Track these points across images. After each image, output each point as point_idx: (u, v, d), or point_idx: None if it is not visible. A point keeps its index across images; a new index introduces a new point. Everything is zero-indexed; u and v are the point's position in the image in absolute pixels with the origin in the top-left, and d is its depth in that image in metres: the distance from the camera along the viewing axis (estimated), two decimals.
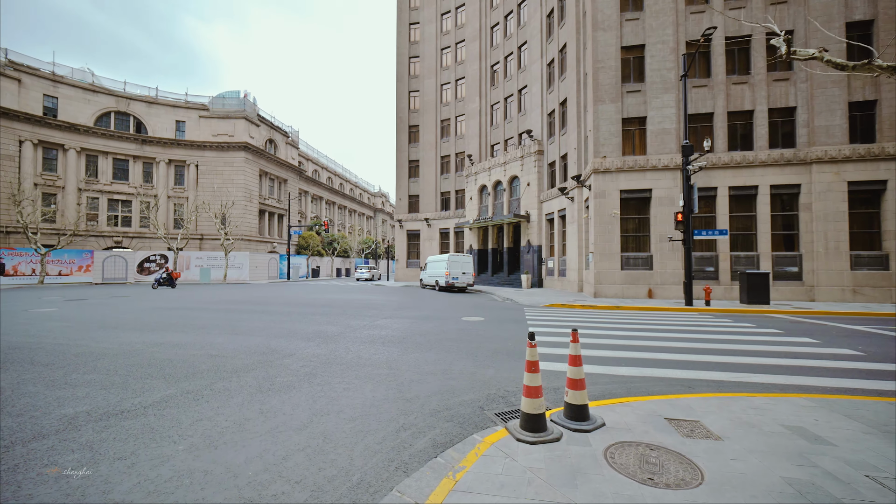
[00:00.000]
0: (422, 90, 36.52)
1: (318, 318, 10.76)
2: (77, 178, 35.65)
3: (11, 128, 32.27)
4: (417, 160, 36.57)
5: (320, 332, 8.55)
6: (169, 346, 7.06)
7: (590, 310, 13.86)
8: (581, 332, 8.76)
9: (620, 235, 17.43)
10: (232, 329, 8.90)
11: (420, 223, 35.83)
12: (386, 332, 8.77)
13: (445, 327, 9.46)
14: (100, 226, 36.70)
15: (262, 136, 44.59)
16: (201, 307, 13.41)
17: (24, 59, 33.56)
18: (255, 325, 9.53)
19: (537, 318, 11.16)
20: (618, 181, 17.45)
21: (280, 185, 48.34)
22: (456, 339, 8.02)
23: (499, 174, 28.85)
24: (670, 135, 17.18)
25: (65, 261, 32.33)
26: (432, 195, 35.46)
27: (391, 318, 11.12)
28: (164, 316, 11.08)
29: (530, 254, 26.10)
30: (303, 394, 4.54)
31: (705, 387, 4.95)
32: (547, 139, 25.70)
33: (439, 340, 7.83)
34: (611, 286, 17.29)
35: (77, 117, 35.70)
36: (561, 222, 23.68)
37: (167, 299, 16.40)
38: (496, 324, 10.07)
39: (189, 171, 40.22)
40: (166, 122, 39.95)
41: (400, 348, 7.05)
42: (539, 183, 25.86)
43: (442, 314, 12.03)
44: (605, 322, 10.53)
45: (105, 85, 37.66)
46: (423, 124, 36.17)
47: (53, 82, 34.85)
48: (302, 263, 45.79)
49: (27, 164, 33.14)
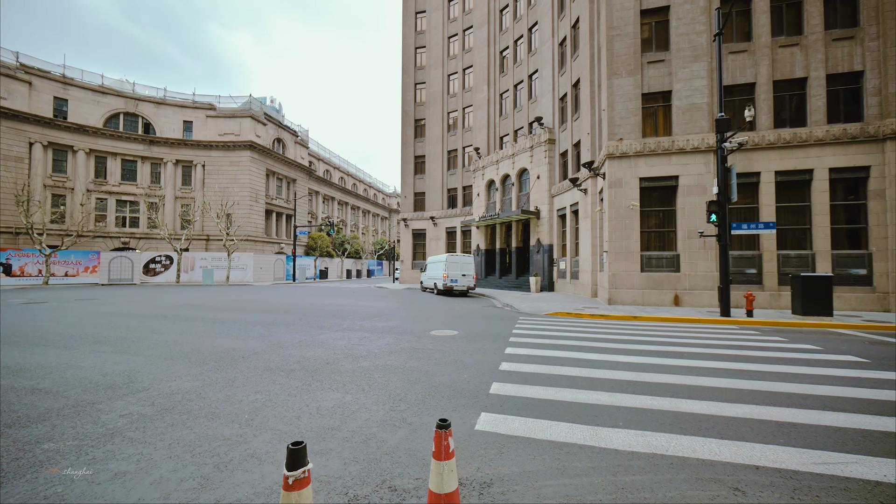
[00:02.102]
0: (428, 81, 34.59)
1: (257, 330, 8.87)
2: (86, 180, 35.78)
3: (21, 129, 32.57)
4: (423, 156, 34.64)
5: (230, 351, 6.61)
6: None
7: (599, 321, 11.37)
8: (578, 357, 6.44)
9: (640, 231, 14.78)
10: (126, 346, 7.10)
11: (426, 222, 33.84)
12: (315, 352, 6.74)
13: (400, 346, 7.34)
14: (108, 227, 36.73)
15: (269, 136, 43.89)
16: (148, 314, 11.83)
17: (36, 61, 33.93)
18: (166, 338, 7.72)
19: (526, 333, 8.85)
20: (637, 167, 14.81)
21: (289, 184, 47.58)
22: (399, 366, 5.88)
23: (507, 167, 26.47)
24: (700, 111, 14.41)
25: (71, 261, 32.28)
26: (438, 192, 33.42)
27: (346, 330, 9.09)
28: (78, 326, 9.47)
29: (540, 254, 23.57)
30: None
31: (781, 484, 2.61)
32: (558, 126, 23.14)
33: (373, 368, 5.72)
34: (629, 291, 14.65)
35: (86, 119, 35.87)
36: (574, 218, 21.08)
37: (124, 303, 15.04)
38: (468, 341, 7.85)
39: (196, 171, 39.88)
40: (174, 123, 39.77)
41: (302, 382, 4.98)
42: (550, 175, 23.32)
43: (413, 326, 9.90)
44: (613, 338, 8.11)
45: (114, 86, 37.78)
46: (430, 117, 34.22)
47: (63, 84, 35.13)
48: (309, 265, 44.74)
49: (37, 165, 33.41)
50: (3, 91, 31.90)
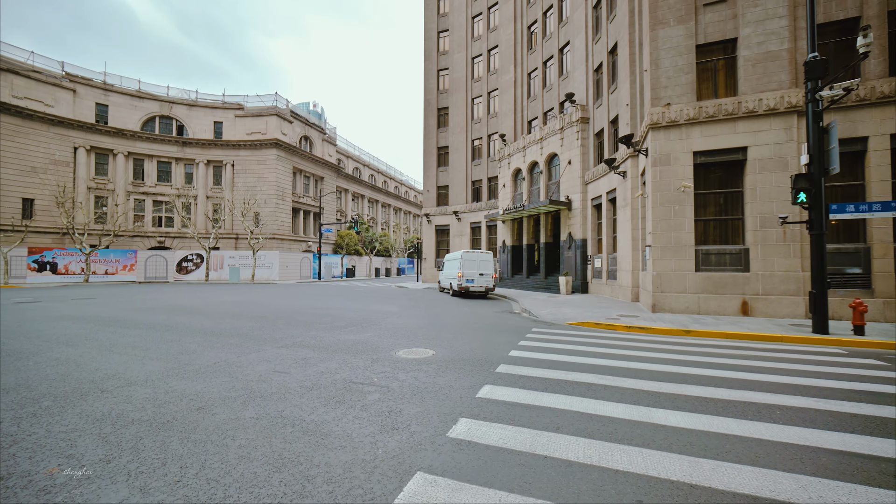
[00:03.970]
0: (451, 67, 32.34)
1: (189, 343, 7.16)
2: (125, 182, 37.26)
3: (67, 135, 34.33)
4: (446, 146, 32.48)
5: (103, 379, 4.85)
6: None
7: (638, 336, 8.63)
8: (596, 413, 3.99)
9: (695, 220, 11.67)
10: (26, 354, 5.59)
11: (449, 217, 31.67)
12: (206, 385, 4.80)
13: (337, 376, 5.24)
14: (145, 227, 38.08)
15: (295, 133, 43.75)
16: (105, 318, 10.65)
17: (78, 69, 35.67)
18: (63, 353, 6.17)
19: (531, 356, 6.42)
20: (689, 139, 11.69)
21: (316, 182, 47.37)
22: (293, 420, 3.79)
23: (535, 153, 23.63)
24: (778, 60, 11.03)
25: (111, 260, 33.58)
26: (462, 185, 31.11)
27: (295, 346, 7.15)
28: (33, 330, 8.28)
29: (572, 250, 20.59)
30: None
31: None
32: (593, 103, 20.02)
33: (250, 425, 3.66)
34: (679, 296, 11.61)
35: (125, 123, 37.32)
36: (610, 208, 17.98)
37: (111, 304, 14.23)
38: (437, 370, 5.59)
39: (225, 170, 40.46)
40: (205, 124, 40.57)
41: (104, 454, 3.01)
42: (583, 160, 20.26)
43: (385, 341, 7.78)
44: (657, 370, 5.50)
45: (151, 91, 39.10)
46: (453, 105, 31.96)
47: (104, 91, 36.73)
48: (336, 263, 44.20)
49: (81, 168, 35.13)
50: (51, 99, 33.74)
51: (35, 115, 32.56)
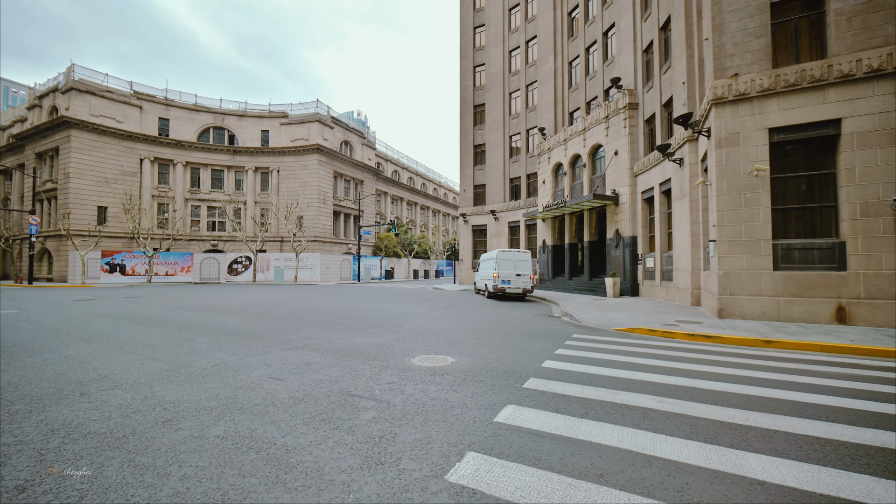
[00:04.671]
0: (488, 62, 31.38)
1: (199, 343, 6.86)
2: (183, 189, 40.04)
3: (134, 148, 37.49)
4: (483, 144, 31.50)
5: (90, 380, 4.51)
6: None
7: (702, 346, 7.20)
8: (652, 448, 2.94)
9: (772, 209, 9.84)
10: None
11: (486, 217, 30.62)
12: (190, 392, 4.29)
13: (336, 386, 4.54)
14: (200, 231, 40.65)
15: (336, 139, 44.84)
16: (141, 316, 10.86)
17: (144, 87, 38.92)
18: (83, 350, 6.05)
19: (569, 367, 5.36)
20: (764, 113, 9.90)
21: (356, 186, 48.25)
22: (266, 443, 3.10)
23: (577, 146, 22.03)
24: (885, 10, 9.00)
25: (170, 262, 36.15)
26: (500, 183, 29.95)
27: (305, 349, 6.60)
28: (41, 329, 8.50)
29: (620, 249, 18.79)
30: None
31: None
32: (642, 86, 18.19)
33: (214, 446, 3.01)
34: (753, 299, 9.83)
35: (183, 134, 40.15)
36: (664, 201, 16.11)
37: (156, 302, 14.77)
38: (454, 382, 4.72)
39: (272, 176, 42.27)
40: (253, 133, 42.70)
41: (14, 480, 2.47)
42: (631, 149, 18.45)
43: (402, 345, 7.04)
44: (735, 391, 4.24)
45: (206, 104, 41.82)
46: (490, 101, 30.96)
47: (166, 106, 39.77)
48: (375, 265, 44.63)
49: (146, 178, 38.21)
50: (121, 116, 37.04)
51: (108, 131, 35.86)
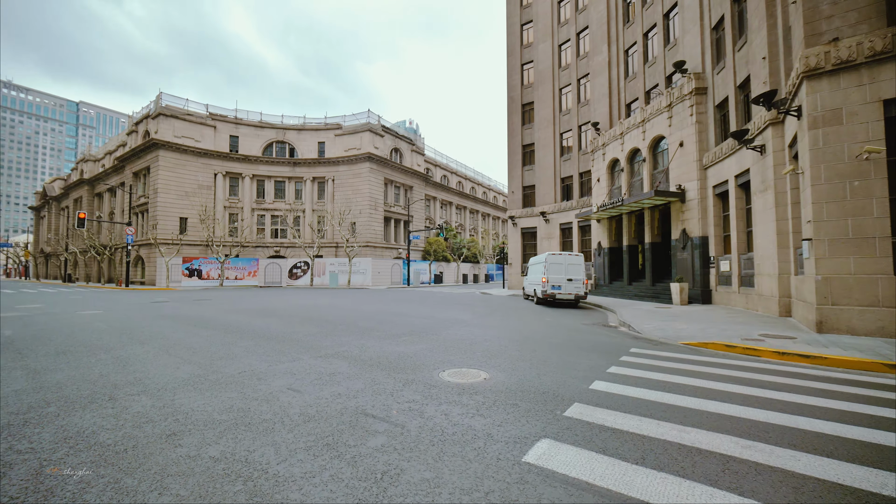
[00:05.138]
0: (536, 59, 30.25)
1: (236, 347, 6.93)
2: (250, 200, 43.41)
3: (209, 164, 41.40)
4: (532, 144, 30.35)
5: (117, 385, 4.58)
6: None
7: (799, 367, 5.86)
8: None
9: (890, 199, 7.99)
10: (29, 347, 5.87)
11: (535, 219, 29.36)
12: (203, 401, 4.15)
13: (352, 402, 4.18)
14: (265, 238, 43.75)
15: (386, 146, 46.02)
16: (199, 318, 11.52)
17: (217, 109, 42.93)
18: (128, 352, 6.35)
19: (622, 391, 4.53)
20: (876, 83, 8.09)
21: (406, 191, 49.11)
22: (258, 468, 2.77)
23: (636, 139, 20.25)
24: None
25: (239, 267, 39.27)
26: (550, 183, 28.59)
27: (334, 356, 6.38)
28: (105, 330, 9.22)
29: (687, 251, 16.80)
30: None
31: None
32: (711, 68, 16.20)
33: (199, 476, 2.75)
34: (867, 310, 8.02)
35: (250, 150, 43.62)
36: (742, 195, 14.08)
37: (220, 304, 15.75)
38: (482, 405, 4.13)
39: (327, 185, 44.41)
40: (311, 145, 45.23)
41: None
42: (700, 139, 16.47)
43: (435, 356, 6.56)
44: (869, 430, 3.19)
45: (269, 121, 45.13)
46: (539, 99, 29.77)
47: (235, 124, 43.51)
48: (424, 269, 44.94)
49: (219, 191, 42.00)
50: (199, 135, 41.14)
51: (188, 150, 39.98)
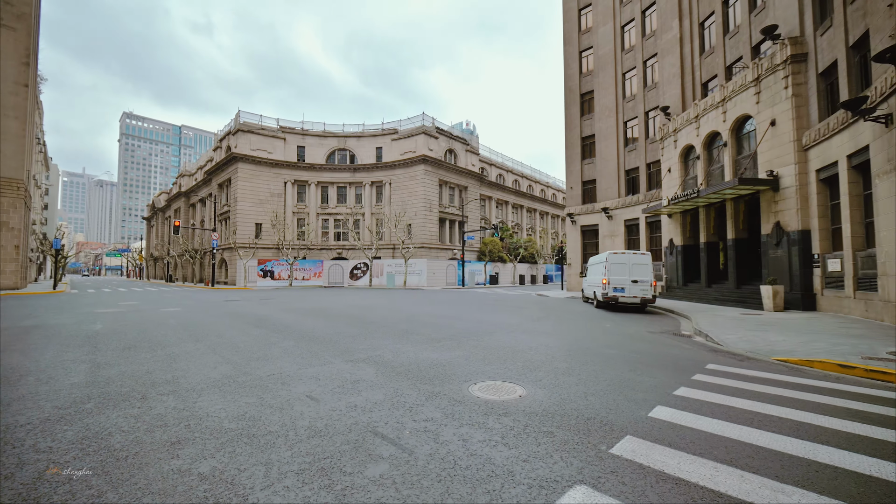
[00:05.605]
0: (596, 44, 28.21)
1: (274, 347, 7.00)
2: (316, 206, 46.23)
3: (280, 173, 44.85)
4: (592, 135, 28.32)
5: (147, 383, 4.71)
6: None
7: None
8: None
9: None
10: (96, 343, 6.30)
11: (597, 216, 27.32)
12: (221, 405, 4.04)
13: (366, 416, 3.81)
14: (328, 241, 46.29)
15: (441, 148, 46.23)
16: (260, 316, 12.14)
17: (286, 122, 46.39)
18: (179, 349, 6.69)
19: (693, 422, 3.64)
20: None
21: (460, 192, 48.92)
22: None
23: (714, 122, 17.80)
24: None
25: (306, 269, 42.00)
26: (613, 177, 26.41)
27: (363, 361, 6.12)
28: (175, 327, 9.96)
29: (782, 247, 14.26)
30: None
31: None
32: (813, 29, 13.59)
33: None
34: None
35: (315, 158, 46.48)
36: (857, 179, 11.54)
37: (284, 302, 16.63)
38: (520, 432, 3.52)
39: (385, 189, 45.78)
40: (369, 151, 46.97)
41: None
42: (797, 115, 13.89)
43: (471, 366, 6.02)
44: None
45: (331, 130, 47.74)
46: (599, 87, 27.70)
47: (302, 135, 46.66)
48: (479, 270, 44.37)
49: (288, 198, 45.31)
50: (271, 148, 44.76)
51: (262, 161, 43.68)
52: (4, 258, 27.75)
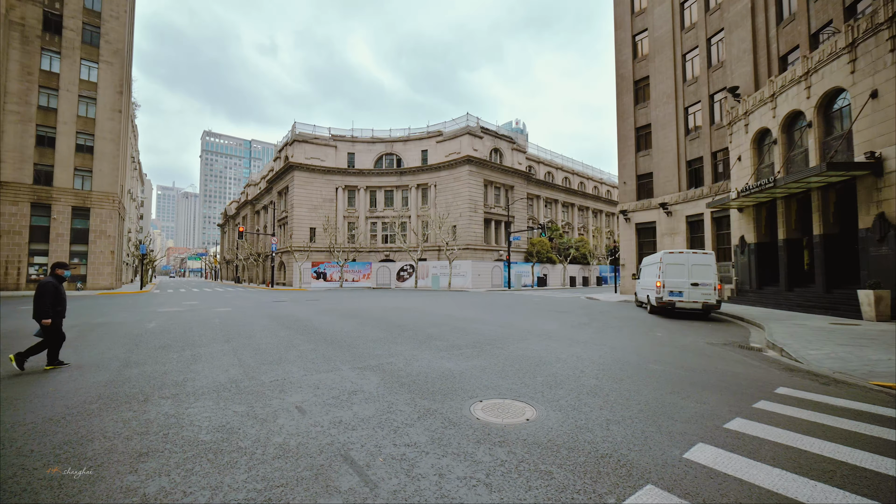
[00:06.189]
0: (651, 26, 25.95)
1: (292, 350, 6.95)
2: (365, 210, 47.76)
3: (332, 179, 46.97)
4: (648, 125, 26.05)
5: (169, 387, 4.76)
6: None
7: None
8: None
9: None
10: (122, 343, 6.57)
11: (654, 212, 25.01)
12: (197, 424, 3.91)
13: (345, 436, 3.46)
14: (377, 243, 47.55)
15: (486, 147, 45.51)
16: (304, 317, 12.46)
17: (337, 131, 48.52)
18: (203, 350, 6.88)
19: (746, 469, 2.80)
20: None
21: (506, 192, 47.77)
22: None
23: (796, 99, 15.35)
24: None
25: (355, 270, 43.50)
26: (672, 169, 24.02)
27: (371, 369, 5.81)
28: (202, 326, 10.43)
29: (888, 244, 11.78)
30: None
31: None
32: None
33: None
34: None
35: (364, 164, 48.06)
36: None
37: (325, 304, 17.07)
38: (513, 470, 2.95)
39: (430, 191, 46.04)
40: (415, 154, 47.58)
41: None
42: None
43: (488, 379, 5.45)
44: None
45: (379, 135, 49.08)
46: (656, 71, 25.41)
47: (352, 142, 48.49)
48: (526, 271, 42.96)
49: (340, 203, 47.26)
50: (323, 155, 47.04)
51: (315, 169, 46.03)
52: (101, 262, 31.91)
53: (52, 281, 5.79)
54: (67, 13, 31.67)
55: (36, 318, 5.61)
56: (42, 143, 30.16)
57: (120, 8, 34.27)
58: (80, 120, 31.76)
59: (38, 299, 5.63)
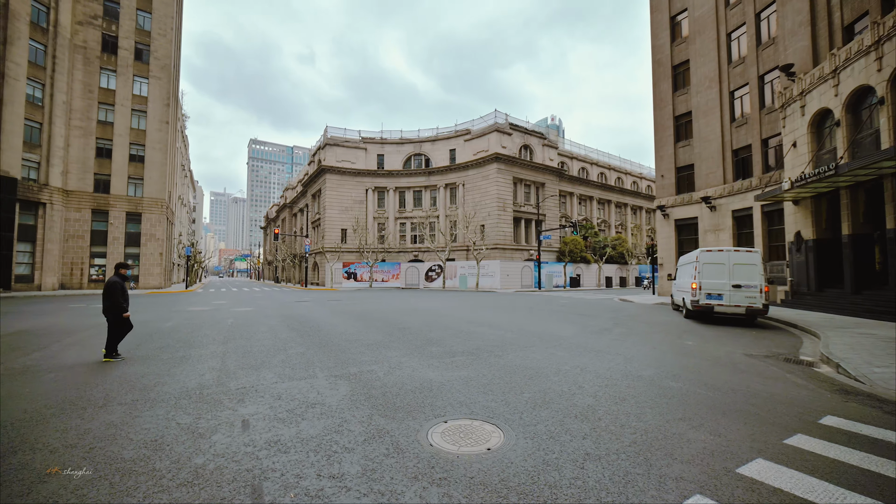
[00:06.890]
0: (691, 5, 23.92)
1: (284, 355, 6.72)
2: (394, 210, 48.15)
3: (362, 181, 47.76)
4: (688, 113, 24.02)
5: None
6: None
7: None
8: None
9: None
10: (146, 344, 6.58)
11: (695, 207, 22.99)
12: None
13: (264, 465, 3.06)
14: (405, 244, 47.77)
15: (515, 144, 44.35)
16: (317, 318, 12.43)
17: (367, 133, 49.26)
18: (214, 350, 6.83)
19: None
20: None
21: (537, 189, 46.31)
22: None
23: (863, 74, 13.34)
24: None
25: (385, 271, 43.94)
26: (716, 159, 21.95)
27: (347, 377, 5.40)
28: (222, 326, 10.52)
29: None
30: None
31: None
32: None
33: None
34: None
35: (392, 165, 48.46)
36: None
37: (345, 305, 17.08)
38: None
39: (458, 190, 45.56)
40: (443, 153, 47.30)
41: None
42: None
43: (466, 394, 4.89)
44: None
45: (408, 136, 49.30)
46: (696, 54, 23.38)
47: (381, 144, 49.06)
48: (558, 271, 41.36)
49: (370, 204, 47.98)
50: (353, 158, 47.96)
51: (346, 171, 47.01)
52: (151, 263, 34.32)
53: (118, 280, 6.35)
54: (122, 34, 34.33)
55: (107, 313, 6.19)
56: (101, 154, 32.89)
57: (167, 26, 36.70)
58: (132, 132, 34.33)
59: (110, 296, 6.21)
